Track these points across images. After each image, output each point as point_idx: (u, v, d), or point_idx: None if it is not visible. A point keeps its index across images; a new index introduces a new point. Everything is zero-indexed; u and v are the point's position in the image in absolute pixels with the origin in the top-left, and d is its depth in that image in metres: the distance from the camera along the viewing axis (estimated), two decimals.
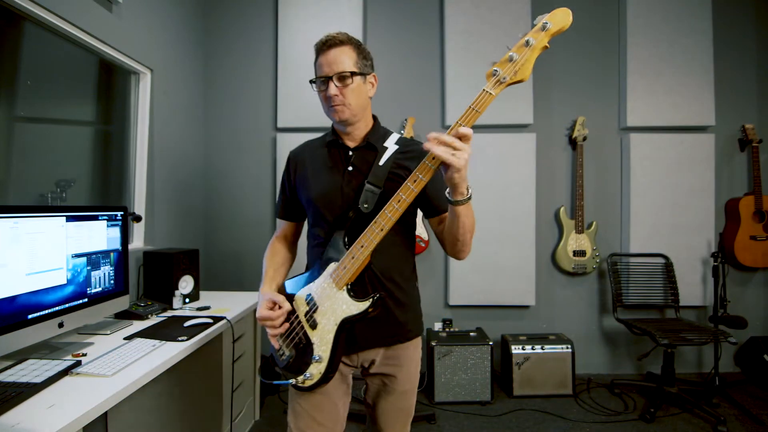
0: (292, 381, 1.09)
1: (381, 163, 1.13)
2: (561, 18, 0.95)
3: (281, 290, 1.21)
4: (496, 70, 0.97)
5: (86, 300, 1.52)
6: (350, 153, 1.19)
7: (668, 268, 2.91)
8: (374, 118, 1.26)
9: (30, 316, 1.29)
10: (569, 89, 3.06)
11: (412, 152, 1.19)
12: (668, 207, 2.95)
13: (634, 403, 2.58)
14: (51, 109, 1.96)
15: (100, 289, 1.60)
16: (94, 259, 1.56)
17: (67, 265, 1.44)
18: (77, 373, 1.20)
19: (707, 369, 2.94)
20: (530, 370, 2.66)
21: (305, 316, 1.11)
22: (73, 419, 0.96)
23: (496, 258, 2.93)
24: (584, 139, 2.93)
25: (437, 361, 2.60)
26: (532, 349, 2.67)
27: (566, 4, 0.93)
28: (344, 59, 1.12)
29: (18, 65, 1.75)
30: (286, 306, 1.11)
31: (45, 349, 1.39)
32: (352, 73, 1.12)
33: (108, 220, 1.64)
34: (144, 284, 2.16)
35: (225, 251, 3.07)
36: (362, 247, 1.02)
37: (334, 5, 2.97)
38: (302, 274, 1.18)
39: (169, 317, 1.86)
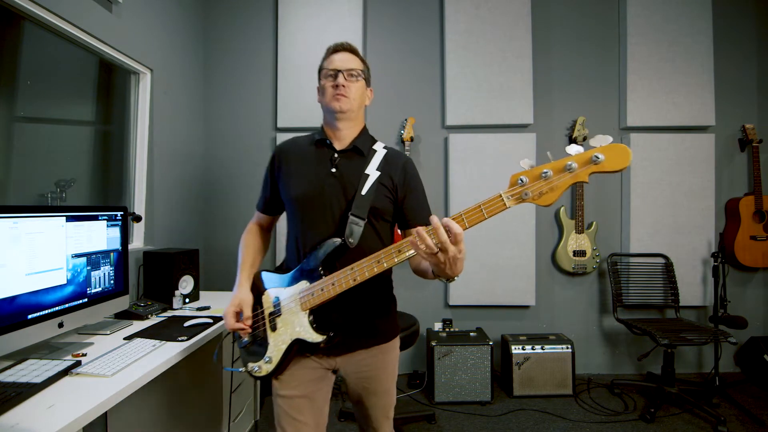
0: (242, 370, 1.22)
1: (363, 192, 1.16)
2: (617, 158, 0.82)
3: (257, 279, 1.26)
4: (522, 180, 0.87)
5: (86, 300, 1.52)
6: (336, 156, 1.22)
7: (668, 268, 2.91)
8: (364, 126, 1.31)
9: (30, 316, 1.29)
10: (569, 89, 3.06)
11: (393, 166, 1.24)
12: (668, 207, 2.95)
13: (634, 403, 2.57)
14: (51, 109, 1.96)
15: (100, 289, 1.60)
16: (94, 259, 1.56)
17: (67, 265, 1.44)
18: (77, 373, 1.20)
19: (707, 369, 2.94)
20: (530, 370, 2.66)
21: (269, 315, 1.19)
22: (73, 419, 0.95)
23: (496, 258, 2.93)
24: (584, 139, 2.93)
25: (437, 361, 2.60)
26: (532, 349, 2.67)
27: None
28: (355, 62, 1.24)
29: (18, 65, 1.75)
30: (247, 323, 1.20)
31: (45, 349, 1.39)
32: (362, 72, 1.24)
33: (108, 220, 1.64)
34: (144, 284, 2.16)
35: (225, 251, 3.07)
36: (333, 285, 1.07)
37: (334, 5, 2.97)
38: (279, 273, 1.22)
39: (169, 317, 1.86)
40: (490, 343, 2.61)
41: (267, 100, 3.07)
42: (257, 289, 1.24)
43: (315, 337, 1.10)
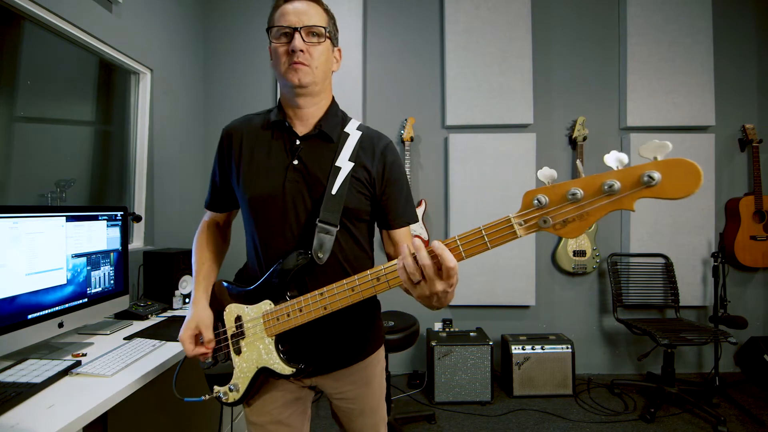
0: (205, 397, 1.05)
1: (334, 190, 0.94)
2: (682, 179, 0.57)
3: (219, 291, 1.07)
4: (539, 201, 0.66)
5: (86, 300, 1.52)
6: (298, 143, 0.98)
7: (668, 268, 2.91)
8: (332, 100, 1.05)
9: (30, 316, 1.29)
10: (569, 89, 3.06)
11: (370, 153, 1.00)
12: (668, 207, 2.95)
13: (634, 403, 2.57)
14: (51, 109, 1.96)
15: (100, 289, 1.60)
16: (94, 259, 1.56)
17: (67, 265, 1.44)
18: (77, 373, 1.20)
19: (707, 369, 2.94)
20: (530, 370, 2.66)
21: (232, 337, 1.01)
22: (72, 419, 0.95)
23: (496, 258, 2.93)
24: (584, 139, 2.93)
25: (437, 361, 2.60)
26: (532, 349, 2.66)
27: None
28: (317, 14, 0.94)
29: (18, 65, 1.75)
30: (208, 348, 1.01)
31: (45, 349, 1.39)
32: (326, 31, 0.94)
33: (108, 220, 1.64)
34: (144, 284, 2.16)
35: None
36: (300, 311, 0.90)
37: (334, 5, 2.94)
38: (240, 285, 1.04)
39: (169, 317, 1.86)
40: (490, 343, 2.61)
41: (267, 100, 3.07)
42: (218, 302, 1.05)
43: (283, 369, 0.94)
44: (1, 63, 1.69)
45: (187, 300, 2.12)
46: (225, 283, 1.07)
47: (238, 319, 1.00)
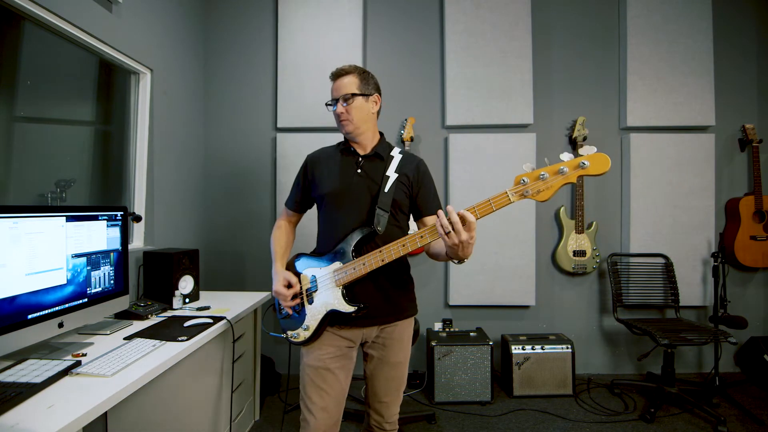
0: (284, 336, 1.44)
1: (386, 189, 1.39)
2: (599, 164, 1.05)
3: (290, 267, 1.47)
4: (524, 180, 1.10)
5: (86, 300, 1.52)
6: (360, 159, 1.45)
7: (668, 268, 2.91)
8: (381, 134, 1.53)
9: (30, 316, 1.29)
10: (569, 89, 3.06)
11: (409, 166, 1.48)
12: (668, 207, 2.95)
13: (634, 403, 2.58)
14: (51, 109, 1.96)
15: (100, 289, 1.60)
16: (94, 259, 1.56)
17: (67, 265, 1.44)
18: (77, 373, 1.20)
19: (707, 369, 2.95)
20: (530, 370, 2.66)
21: (306, 291, 1.42)
22: (72, 419, 0.95)
23: (496, 258, 2.93)
24: (584, 139, 2.93)
25: (437, 361, 2.60)
26: (532, 349, 2.67)
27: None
28: (348, 84, 1.43)
29: (18, 65, 1.75)
30: (297, 288, 1.41)
31: (45, 349, 1.39)
32: (353, 95, 1.42)
33: (108, 220, 1.64)
34: (144, 284, 2.16)
35: (225, 251, 3.07)
36: (364, 265, 1.29)
37: (334, 5, 2.97)
38: (312, 256, 1.44)
39: (169, 317, 1.86)
40: (490, 343, 2.61)
41: (267, 100, 3.07)
42: (295, 273, 1.46)
43: (347, 308, 1.32)
44: (1, 63, 1.69)
45: (187, 300, 2.12)
46: (303, 255, 1.47)
47: (313, 277, 1.40)
